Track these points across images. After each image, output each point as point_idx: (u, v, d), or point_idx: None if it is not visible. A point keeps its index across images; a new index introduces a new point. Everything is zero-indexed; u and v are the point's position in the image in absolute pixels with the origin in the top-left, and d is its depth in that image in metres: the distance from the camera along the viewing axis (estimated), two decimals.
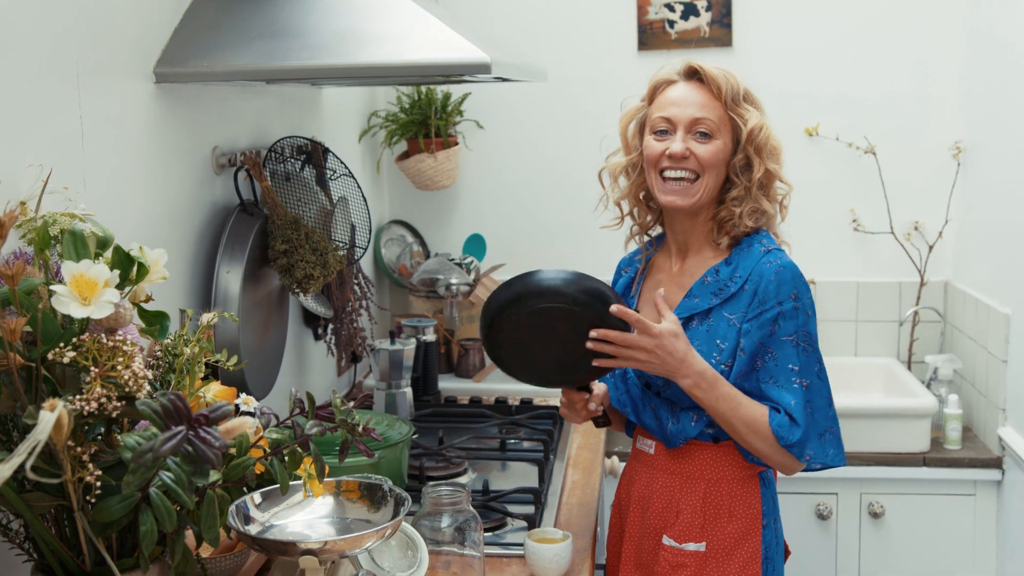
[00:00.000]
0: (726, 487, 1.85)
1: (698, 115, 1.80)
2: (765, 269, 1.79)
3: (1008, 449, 2.70)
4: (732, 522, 1.84)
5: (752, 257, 1.82)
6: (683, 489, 1.86)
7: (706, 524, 1.84)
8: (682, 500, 1.86)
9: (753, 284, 1.79)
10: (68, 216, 1.25)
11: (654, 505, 1.89)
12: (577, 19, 3.30)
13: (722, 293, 1.82)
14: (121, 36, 1.71)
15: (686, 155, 1.80)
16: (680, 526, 1.85)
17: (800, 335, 1.78)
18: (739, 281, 1.81)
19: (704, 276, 1.85)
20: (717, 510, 1.84)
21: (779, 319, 1.78)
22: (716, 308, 1.82)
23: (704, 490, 1.85)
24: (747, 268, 1.81)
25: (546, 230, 3.39)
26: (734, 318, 1.80)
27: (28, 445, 0.96)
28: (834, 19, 3.19)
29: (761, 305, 1.78)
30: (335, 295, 2.54)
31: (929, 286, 3.21)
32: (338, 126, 2.93)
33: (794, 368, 1.78)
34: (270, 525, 1.38)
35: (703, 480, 1.85)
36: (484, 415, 2.68)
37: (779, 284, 1.78)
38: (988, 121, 2.95)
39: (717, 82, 1.81)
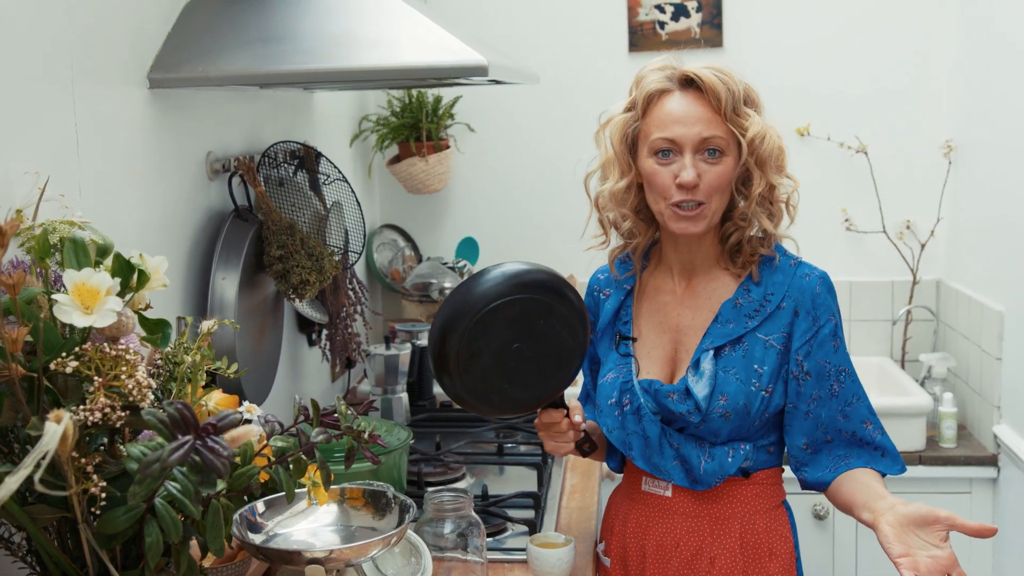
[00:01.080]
0: (762, 523, 1.72)
1: (706, 133, 1.63)
2: (805, 283, 1.70)
3: (1003, 446, 2.71)
4: (773, 561, 1.72)
5: (783, 272, 1.71)
6: (714, 533, 1.71)
7: (747, 568, 1.71)
8: (715, 545, 1.71)
9: (794, 301, 1.69)
10: (67, 224, 1.23)
11: (679, 555, 1.72)
12: (567, 20, 3.30)
13: (758, 315, 1.69)
14: (115, 42, 1.70)
15: (697, 183, 1.63)
16: (718, 573, 1.70)
17: (841, 339, 1.73)
18: (774, 300, 1.69)
19: (735, 298, 1.71)
20: (756, 550, 1.71)
21: (837, 331, 1.71)
22: (751, 332, 1.69)
23: (740, 531, 1.71)
24: (782, 284, 1.70)
25: (539, 232, 3.39)
26: (771, 339, 1.68)
27: (35, 457, 0.94)
28: (824, 19, 3.20)
29: (816, 322, 1.69)
30: (329, 300, 2.53)
31: (922, 285, 3.22)
32: (329, 130, 2.92)
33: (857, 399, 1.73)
34: (274, 534, 1.37)
35: (737, 520, 1.71)
36: (481, 420, 2.67)
37: (828, 293, 1.71)
38: (979, 119, 2.95)
39: (716, 92, 1.62)
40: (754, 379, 1.68)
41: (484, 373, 1.61)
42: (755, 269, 1.72)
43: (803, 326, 1.68)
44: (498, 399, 1.65)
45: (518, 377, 1.63)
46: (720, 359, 1.69)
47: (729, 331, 1.70)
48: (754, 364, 1.68)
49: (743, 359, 1.68)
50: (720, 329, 1.70)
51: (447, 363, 1.59)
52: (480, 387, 1.62)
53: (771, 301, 1.69)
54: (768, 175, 1.67)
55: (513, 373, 1.62)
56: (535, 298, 1.61)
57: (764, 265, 1.72)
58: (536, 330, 1.61)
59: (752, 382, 1.67)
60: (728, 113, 1.63)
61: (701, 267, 1.76)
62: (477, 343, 1.58)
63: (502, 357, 1.61)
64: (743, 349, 1.69)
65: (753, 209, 1.69)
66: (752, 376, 1.68)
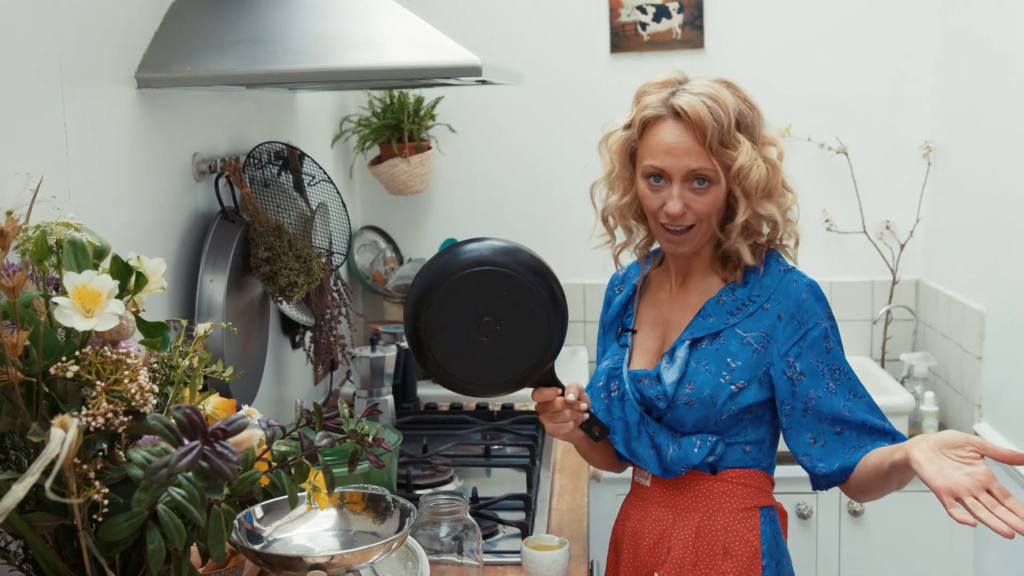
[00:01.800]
0: (722, 520, 1.73)
1: (693, 166, 1.67)
2: (791, 288, 1.72)
3: None
4: (727, 561, 1.72)
5: (771, 275, 1.75)
6: (675, 522, 1.76)
7: (699, 562, 1.73)
8: (674, 535, 1.75)
9: (778, 304, 1.72)
10: (63, 226, 1.21)
11: (645, 540, 1.78)
12: (549, 21, 3.29)
13: (740, 312, 1.73)
14: (103, 41, 1.67)
15: (683, 212, 1.69)
16: (672, 563, 1.74)
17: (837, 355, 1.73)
18: (759, 300, 1.73)
19: (719, 295, 1.76)
20: (711, 546, 1.73)
21: (829, 334, 1.71)
22: (730, 328, 1.73)
23: (698, 523, 1.74)
24: (768, 287, 1.74)
25: (520, 233, 3.34)
26: (749, 336, 1.72)
27: (42, 464, 0.92)
28: (806, 21, 3.21)
29: (802, 326, 1.71)
30: (314, 303, 2.50)
31: (901, 284, 3.24)
32: (311, 131, 2.90)
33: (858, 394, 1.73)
34: (273, 539, 1.35)
35: (697, 512, 1.74)
36: (466, 421, 2.66)
37: (815, 300, 1.72)
38: (958, 121, 2.98)
39: (703, 127, 1.65)
40: (724, 372, 1.71)
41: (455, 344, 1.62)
42: (739, 274, 1.76)
43: (789, 330, 1.71)
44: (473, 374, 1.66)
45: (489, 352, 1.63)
46: (695, 351, 1.74)
47: (708, 325, 1.75)
48: (727, 358, 1.72)
49: (716, 352, 1.73)
50: (700, 323, 1.76)
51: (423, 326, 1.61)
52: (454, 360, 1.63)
53: (755, 302, 1.73)
54: (753, 203, 1.70)
55: (483, 347, 1.62)
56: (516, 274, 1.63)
57: (756, 270, 1.76)
58: (508, 305, 1.62)
59: (722, 375, 1.71)
60: (714, 146, 1.67)
61: (696, 271, 1.81)
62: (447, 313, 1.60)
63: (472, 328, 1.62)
64: (719, 343, 1.73)
65: (735, 237, 1.73)
66: (723, 369, 1.71)
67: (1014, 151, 2.55)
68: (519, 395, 2.89)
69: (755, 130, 1.72)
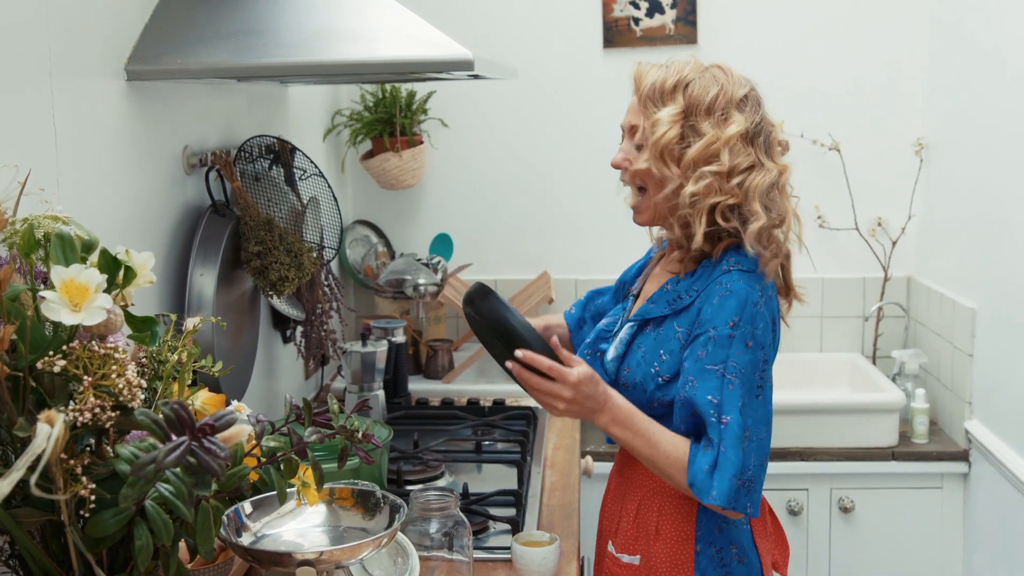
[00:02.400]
0: (656, 504, 1.78)
1: (633, 122, 1.75)
2: (713, 290, 1.69)
3: (975, 442, 2.74)
4: (659, 542, 1.77)
5: (712, 274, 1.72)
6: (624, 497, 1.85)
7: (639, 538, 1.80)
8: (623, 509, 1.84)
9: (700, 303, 1.71)
10: (51, 219, 1.20)
11: (608, 507, 1.90)
12: (542, 16, 3.28)
13: (674, 304, 1.75)
14: (92, 33, 1.66)
15: (621, 165, 1.76)
16: (620, 536, 1.83)
17: (728, 366, 1.64)
18: (692, 296, 1.73)
19: (665, 283, 1.80)
20: (646, 526, 1.79)
21: (708, 344, 1.66)
22: (669, 318, 1.75)
23: (638, 503, 1.81)
24: (702, 284, 1.72)
25: (513, 229, 3.37)
26: (680, 332, 1.73)
27: (27, 459, 0.91)
28: (799, 17, 3.21)
29: (697, 327, 1.69)
30: (305, 297, 2.49)
31: (893, 281, 3.25)
32: (303, 125, 2.89)
33: (713, 400, 1.64)
34: (262, 535, 1.35)
35: (639, 492, 1.81)
36: (457, 417, 2.65)
37: (719, 309, 1.66)
38: (950, 118, 2.98)
39: (637, 82, 1.73)
40: (655, 362, 1.75)
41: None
42: (690, 265, 1.77)
43: (693, 328, 1.71)
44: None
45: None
46: (640, 334, 1.79)
47: (649, 310, 1.79)
48: (661, 349, 1.75)
49: (654, 341, 1.76)
50: (645, 307, 1.81)
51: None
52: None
53: (689, 296, 1.74)
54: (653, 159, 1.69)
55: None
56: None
57: (708, 265, 1.74)
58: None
59: (653, 364, 1.75)
60: (643, 100, 1.72)
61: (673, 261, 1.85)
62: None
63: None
64: (657, 333, 1.76)
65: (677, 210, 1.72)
66: (655, 359, 1.75)
67: (1006, 148, 2.55)
68: (511, 390, 2.91)
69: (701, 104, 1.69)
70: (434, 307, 3.19)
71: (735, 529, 1.77)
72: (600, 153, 3.13)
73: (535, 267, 3.35)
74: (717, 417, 1.64)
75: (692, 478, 1.65)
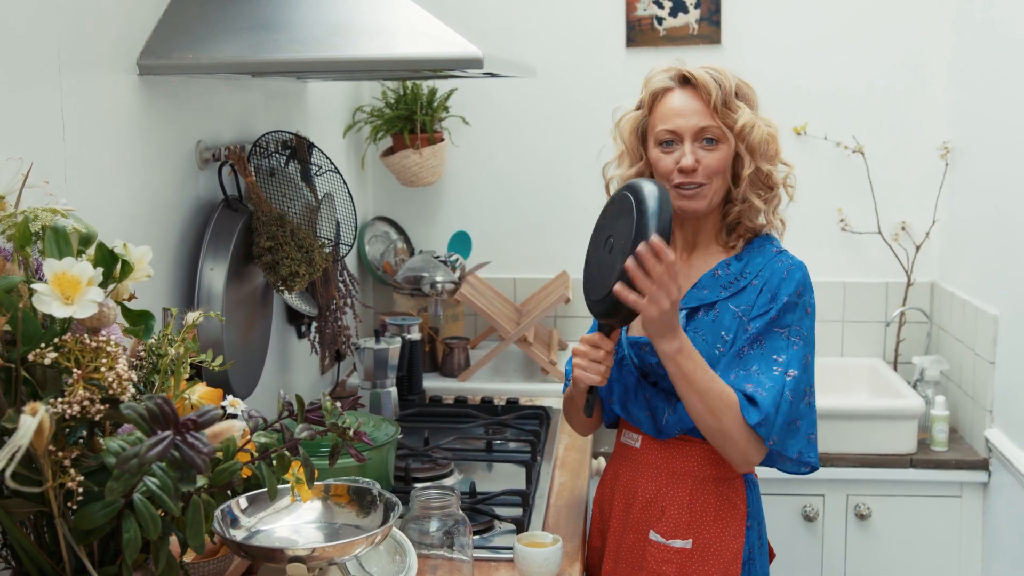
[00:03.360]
0: (713, 487, 1.87)
1: (702, 124, 1.82)
2: (777, 267, 1.84)
3: (995, 451, 2.70)
4: (718, 523, 1.86)
5: (764, 256, 1.87)
6: (669, 486, 1.88)
7: (693, 522, 1.86)
8: (667, 497, 1.87)
9: (763, 280, 1.83)
10: (49, 212, 1.21)
11: (638, 501, 1.90)
12: (565, 15, 3.27)
13: (732, 287, 1.85)
14: (104, 27, 1.67)
15: (696, 167, 1.82)
16: (666, 522, 1.86)
17: (792, 329, 1.81)
18: (749, 277, 1.85)
19: (715, 269, 1.88)
20: (703, 510, 1.86)
21: (781, 312, 1.81)
22: (723, 300, 1.85)
23: (691, 488, 1.87)
24: (758, 265, 1.85)
25: (533, 227, 3.37)
26: (739, 310, 1.83)
27: (8, 451, 0.92)
28: (823, 17, 3.18)
29: (772, 302, 1.82)
30: (320, 293, 2.50)
31: (916, 287, 3.21)
32: (323, 121, 2.89)
33: (778, 359, 1.79)
34: (256, 530, 1.35)
35: (690, 478, 1.87)
36: (470, 415, 2.65)
37: (788, 280, 1.82)
38: (976, 121, 2.94)
39: (707, 88, 1.82)
40: (719, 344, 1.83)
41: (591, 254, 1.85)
42: (741, 244, 1.89)
43: (761, 303, 1.82)
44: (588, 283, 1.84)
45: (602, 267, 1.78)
46: (692, 320, 1.86)
47: (702, 296, 1.86)
48: (721, 331, 1.84)
49: (712, 324, 1.84)
50: (695, 293, 1.87)
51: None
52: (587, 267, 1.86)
53: (746, 277, 1.85)
54: (757, 160, 1.85)
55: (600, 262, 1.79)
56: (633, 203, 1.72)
57: (753, 249, 1.88)
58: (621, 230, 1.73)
59: (716, 346, 1.83)
60: (719, 107, 1.83)
61: (700, 244, 1.92)
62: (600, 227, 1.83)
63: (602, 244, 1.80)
64: (714, 315, 1.85)
65: (744, 190, 1.86)
66: (718, 341, 1.83)
67: None
68: (525, 389, 2.91)
69: (753, 103, 1.88)
70: (451, 304, 3.19)
71: (761, 503, 1.94)
72: None
73: (553, 266, 3.34)
74: (780, 371, 1.78)
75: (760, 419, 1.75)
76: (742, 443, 1.77)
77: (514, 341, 3.01)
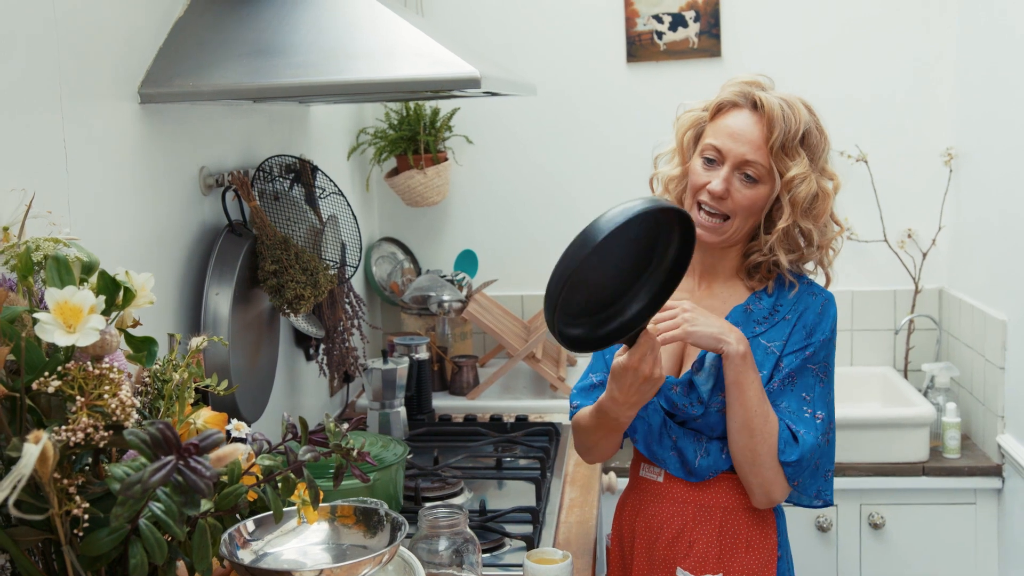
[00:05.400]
0: (744, 517, 1.81)
1: (749, 157, 1.73)
2: (812, 302, 1.80)
3: (1008, 456, 2.68)
4: (749, 554, 1.80)
5: (799, 289, 1.81)
6: (696, 519, 1.82)
7: (723, 555, 1.80)
8: (695, 531, 1.82)
9: (796, 314, 1.79)
10: (52, 241, 1.22)
11: (664, 536, 1.84)
12: (566, 31, 3.29)
13: (766, 322, 1.79)
14: (104, 56, 1.69)
15: (725, 196, 1.74)
16: (694, 557, 1.80)
17: (821, 366, 1.79)
18: (782, 311, 1.80)
19: (746, 304, 1.82)
20: (734, 541, 1.81)
21: (817, 350, 1.78)
22: (755, 337, 1.79)
23: (720, 520, 1.81)
24: (792, 299, 1.80)
25: (539, 244, 3.37)
26: (772, 346, 1.78)
27: (11, 480, 0.93)
28: (823, 28, 3.19)
29: (808, 338, 1.78)
30: (326, 315, 2.51)
31: (924, 294, 3.20)
32: (326, 144, 2.91)
33: (806, 397, 1.76)
34: (264, 553, 1.35)
35: (719, 510, 1.81)
36: (479, 433, 2.65)
37: (824, 316, 1.79)
38: (979, 127, 2.94)
39: (772, 123, 1.72)
40: None
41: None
42: (771, 284, 1.82)
43: (797, 337, 1.78)
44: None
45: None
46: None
47: None
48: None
49: None
50: None
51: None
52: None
53: (779, 312, 1.80)
54: (797, 215, 1.75)
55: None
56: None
57: (782, 282, 1.82)
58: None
59: None
60: (775, 148, 1.72)
61: (721, 275, 1.86)
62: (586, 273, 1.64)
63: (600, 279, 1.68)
64: None
65: (773, 240, 1.77)
66: None
67: None
68: (534, 406, 2.91)
69: (817, 153, 1.78)
70: (459, 323, 3.20)
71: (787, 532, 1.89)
72: (625, 167, 3.13)
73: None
74: (810, 412, 1.76)
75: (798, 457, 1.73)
76: (769, 474, 1.74)
77: (522, 358, 3.01)
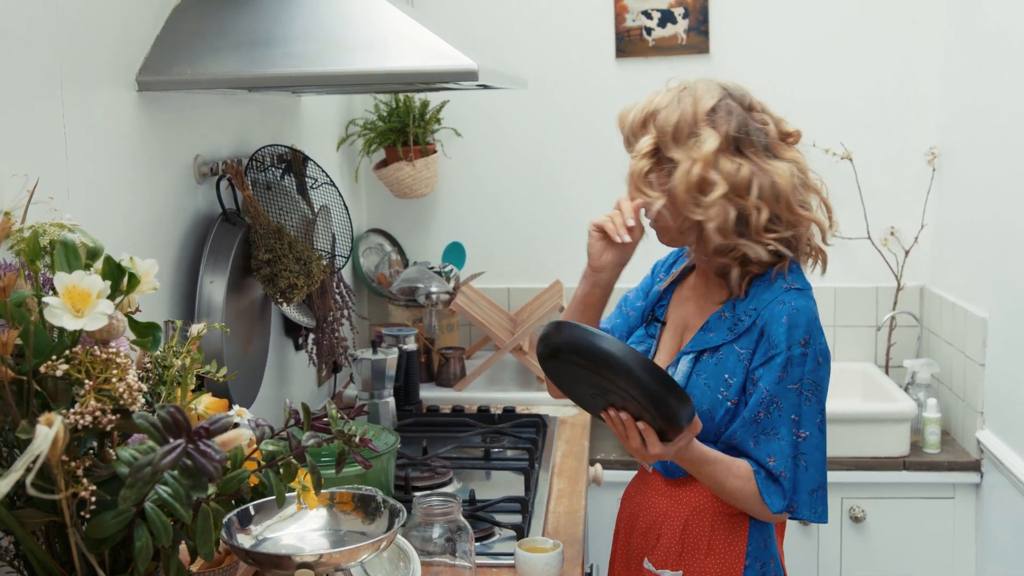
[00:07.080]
0: (709, 520, 1.77)
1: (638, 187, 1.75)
2: (777, 310, 1.68)
3: (986, 452, 2.73)
4: (709, 557, 1.76)
5: (771, 292, 1.71)
6: (667, 514, 1.81)
7: (684, 554, 1.78)
8: (663, 525, 1.80)
9: (763, 321, 1.70)
10: (57, 226, 1.23)
11: (639, 525, 1.85)
12: (554, 26, 3.30)
13: (736, 328, 1.73)
14: (103, 44, 1.69)
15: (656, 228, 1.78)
16: (660, 552, 1.80)
17: (805, 383, 1.68)
18: (752, 315, 1.71)
19: (722, 310, 1.76)
20: (696, 542, 1.77)
21: (787, 365, 1.67)
22: (728, 344, 1.73)
23: (686, 519, 1.78)
24: (762, 304, 1.71)
25: (526, 237, 3.39)
26: (744, 353, 1.72)
27: (26, 460, 0.94)
28: (811, 26, 3.22)
29: (772, 349, 1.68)
30: (317, 305, 2.52)
31: (906, 291, 3.24)
32: (317, 134, 2.92)
33: (795, 419, 1.68)
34: (263, 538, 1.37)
35: (688, 509, 1.78)
36: (467, 424, 2.67)
37: (790, 328, 1.67)
38: (963, 126, 2.98)
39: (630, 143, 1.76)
40: (722, 388, 1.73)
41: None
42: (744, 288, 1.74)
43: (761, 350, 1.70)
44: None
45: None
46: (697, 363, 1.77)
47: (708, 339, 1.77)
48: (725, 374, 1.73)
49: (715, 367, 1.74)
50: (702, 336, 1.78)
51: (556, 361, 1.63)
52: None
53: (749, 316, 1.72)
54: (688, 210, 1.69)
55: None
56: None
57: (762, 283, 1.73)
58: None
59: (720, 390, 1.73)
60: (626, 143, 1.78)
61: (714, 277, 1.80)
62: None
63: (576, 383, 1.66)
64: (718, 358, 1.75)
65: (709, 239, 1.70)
66: (721, 385, 1.73)
67: (1020, 158, 2.54)
68: (521, 398, 2.93)
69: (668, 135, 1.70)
70: (447, 315, 3.21)
71: (774, 543, 1.81)
72: (612, 162, 3.15)
73: (548, 276, 3.36)
74: (796, 434, 1.69)
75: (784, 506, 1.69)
76: (757, 509, 1.72)
77: (509, 350, 3.03)
